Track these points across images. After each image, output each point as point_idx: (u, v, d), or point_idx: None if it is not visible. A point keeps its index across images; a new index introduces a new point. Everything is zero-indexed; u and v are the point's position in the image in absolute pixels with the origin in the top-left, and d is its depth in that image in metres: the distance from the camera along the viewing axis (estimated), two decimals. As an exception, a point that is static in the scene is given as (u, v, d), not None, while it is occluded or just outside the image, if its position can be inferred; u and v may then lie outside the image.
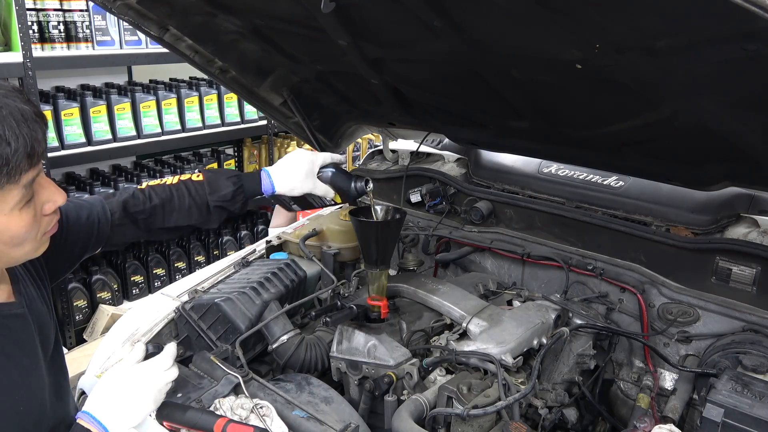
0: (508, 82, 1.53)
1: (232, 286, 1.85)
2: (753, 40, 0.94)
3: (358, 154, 5.07)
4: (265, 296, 1.79)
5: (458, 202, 2.35)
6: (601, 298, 1.96)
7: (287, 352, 1.69)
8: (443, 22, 1.29)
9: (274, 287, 1.84)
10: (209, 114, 4.03)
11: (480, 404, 1.38)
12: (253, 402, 1.38)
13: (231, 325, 1.71)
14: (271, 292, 1.82)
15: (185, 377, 1.54)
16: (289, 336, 1.72)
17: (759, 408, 1.33)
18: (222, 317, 1.72)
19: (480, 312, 1.71)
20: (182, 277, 3.21)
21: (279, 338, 1.71)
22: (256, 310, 1.75)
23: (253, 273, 1.92)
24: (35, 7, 3.17)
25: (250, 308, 1.74)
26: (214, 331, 1.74)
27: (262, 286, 1.82)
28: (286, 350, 1.70)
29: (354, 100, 2.22)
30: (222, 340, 1.72)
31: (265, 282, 1.83)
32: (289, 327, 1.75)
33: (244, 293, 1.76)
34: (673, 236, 1.86)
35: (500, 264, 2.23)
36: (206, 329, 1.73)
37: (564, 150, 1.89)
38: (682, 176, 1.72)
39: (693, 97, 1.26)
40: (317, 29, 1.54)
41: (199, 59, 2.03)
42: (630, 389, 1.92)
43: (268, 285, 1.83)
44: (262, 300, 1.77)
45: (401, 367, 1.56)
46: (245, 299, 1.75)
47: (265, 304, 1.77)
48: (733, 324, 1.75)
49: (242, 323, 1.71)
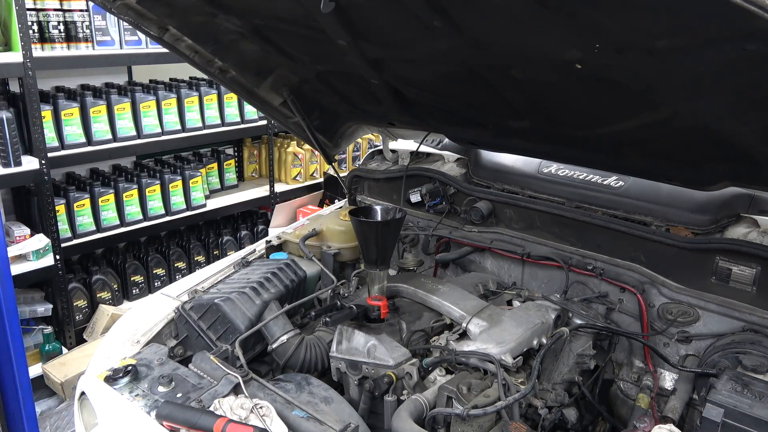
0: (508, 82, 1.53)
1: (231, 286, 1.85)
2: (753, 40, 0.94)
3: (358, 154, 5.07)
4: (264, 296, 1.79)
5: (458, 202, 2.35)
6: (601, 298, 1.96)
7: (287, 352, 1.69)
8: (443, 22, 1.29)
9: (274, 287, 1.84)
10: (209, 114, 4.03)
11: (480, 404, 1.38)
12: (253, 402, 1.38)
13: (231, 325, 1.71)
14: (271, 292, 1.82)
15: (185, 377, 1.54)
16: (289, 336, 1.72)
17: (759, 408, 1.33)
18: (222, 317, 1.72)
19: (480, 312, 1.71)
20: (182, 277, 3.21)
21: (279, 338, 1.71)
22: (256, 310, 1.75)
23: (253, 273, 1.92)
24: (35, 7, 3.17)
25: (249, 308, 1.74)
26: (213, 331, 1.73)
27: (262, 286, 1.82)
28: (286, 350, 1.70)
29: (354, 100, 2.22)
30: (222, 340, 1.72)
31: (264, 282, 1.83)
32: (288, 327, 1.75)
33: (243, 293, 1.76)
34: (673, 236, 1.86)
35: (500, 264, 2.23)
36: (206, 329, 1.73)
37: (564, 150, 1.89)
38: (682, 176, 1.72)
39: (693, 97, 1.26)
40: (317, 29, 1.54)
41: (199, 59, 2.03)
42: (630, 389, 1.92)
43: (267, 285, 1.83)
44: (261, 300, 1.77)
45: (401, 367, 1.56)
46: (245, 299, 1.75)
47: (265, 304, 1.77)
48: (733, 324, 1.75)
49: (242, 323, 1.71)
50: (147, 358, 1.64)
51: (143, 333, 1.77)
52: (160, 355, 1.66)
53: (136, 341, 1.74)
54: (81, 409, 1.66)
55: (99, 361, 1.70)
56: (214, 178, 4.36)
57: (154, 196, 3.80)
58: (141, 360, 1.63)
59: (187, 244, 4.09)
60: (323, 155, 2.54)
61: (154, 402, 1.45)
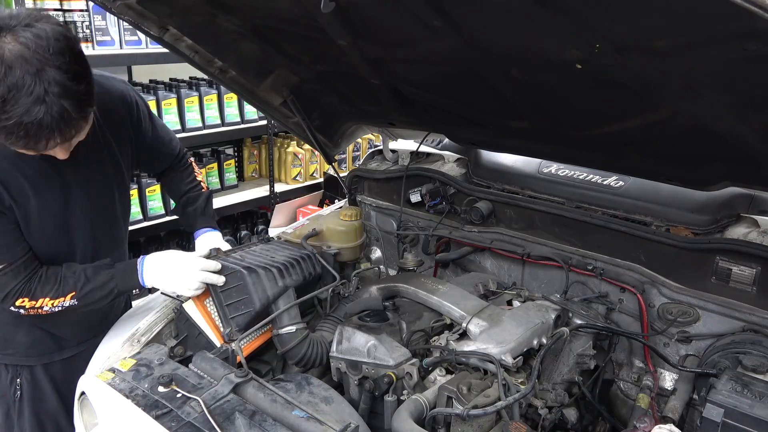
0: (508, 82, 1.53)
1: (255, 258, 1.82)
2: (753, 40, 0.94)
3: (358, 154, 5.07)
4: (287, 281, 1.75)
5: (458, 202, 2.35)
6: (601, 298, 1.96)
7: (290, 342, 1.68)
8: (443, 22, 1.29)
9: (296, 274, 1.81)
10: (209, 114, 4.03)
11: (480, 404, 1.38)
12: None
13: (248, 297, 1.69)
14: (293, 278, 1.78)
15: (185, 377, 1.54)
16: (298, 327, 1.71)
17: (759, 408, 1.33)
18: (241, 287, 1.70)
19: (480, 312, 1.71)
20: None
21: (287, 326, 1.70)
22: (276, 291, 1.72)
23: (276, 253, 1.88)
24: (35, 8, 3.17)
25: (271, 287, 1.71)
26: (226, 296, 1.72)
27: (287, 269, 1.78)
28: (290, 340, 1.69)
29: (354, 100, 2.22)
30: (231, 309, 1.70)
31: (289, 267, 1.79)
32: (298, 318, 1.74)
33: (270, 271, 1.73)
34: (673, 236, 1.86)
35: (500, 264, 2.23)
36: (220, 291, 1.72)
37: (564, 150, 1.89)
38: (682, 176, 1.72)
39: (693, 97, 1.26)
40: (317, 29, 1.54)
41: (199, 59, 2.03)
42: (630, 389, 1.92)
43: (291, 270, 1.79)
44: (284, 284, 1.74)
45: (401, 367, 1.56)
46: (270, 277, 1.72)
47: (285, 288, 1.74)
48: (733, 324, 1.75)
49: (259, 300, 1.68)
50: (147, 358, 1.64)
51: (143, 333, 1.77)
52: (160, 355, 1.66)
53: (136, 341, 1.74)
54: (81, 409, 1.66)
55: (99, 361, 1.70)
56: (214, 178, 4.36)
57: (154, 195, 3.80)
58: (141, 360, 1.63)
59: (187, 243, 4.09)
60: (323, 155, 2.54)
61: (154, 402, 1.45)
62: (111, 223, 1.91)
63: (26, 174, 1.61)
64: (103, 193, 1.82)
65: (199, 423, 1.38)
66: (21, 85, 1.31)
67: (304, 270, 1.85)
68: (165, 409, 1.42)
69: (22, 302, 1.63)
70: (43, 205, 1.65)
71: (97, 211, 1.82)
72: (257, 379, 1.51)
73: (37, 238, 1.66)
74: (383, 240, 2.51)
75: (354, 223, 2.22)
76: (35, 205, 1.63)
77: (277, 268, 1.74)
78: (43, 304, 1.65)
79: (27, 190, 1.61)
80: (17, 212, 1.61)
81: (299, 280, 1.81)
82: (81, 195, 1.74)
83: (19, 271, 1.61)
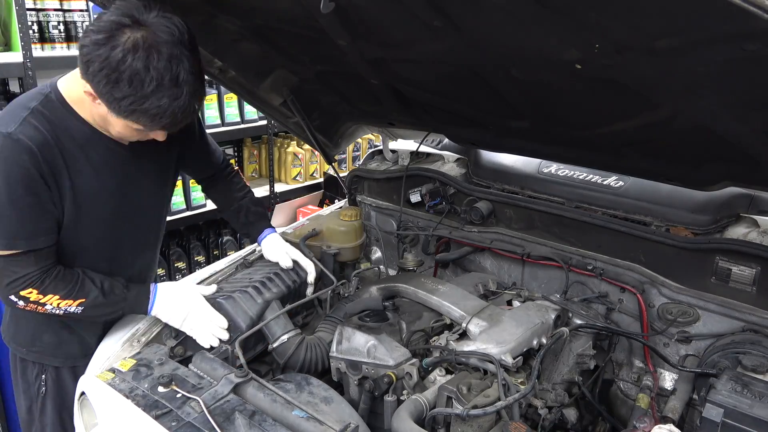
0: (508, 82, 1.52)
1: (234, 285, 1.85)
2: (753, 40, 0.94)
3: (358, 154, 5.07)
4: (266, 295, 1.79)
5: (458, 202, 2.35)
6: (601, 298, 1.96)
7: (287, 352, 1.69)
8: (443, 22, 1.29)
9: (276, 287, 1.84)
10: (209, 114, 4.02)
11: (480, 404, 1.38)
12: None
13: (232, 323, 1.71)
14: (273, 291, 1.82)
15: (185, 377, 1.54)
16: (290, 336, 1.72)
17: (759, 408, 1.33)
18: (223, 316, 1.72)
19: (480, 312, 1.71)
20: (182, 277, 3.21)
21: (279, 337, 1.71)
22: (258, 309, 1.75)
23: (255, 273, 1.92)
24: (35, 7, 3.17)
25: (251, 307, 1.74)
26: None
27: (264, 285, 1.82)
28: (286, 350, 1.70)
29: (354, 100, 2.22)
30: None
31: (267, 282, 1.84)
32: (289, 327, 1.75)
33: (245, 292, 1.77)
34: (672, 236, 1.86)
35: (500, 264, 2.23)
36: None
37: (564, 150, 1.89)
38: (682, 176, 1.72)
39: (693, 97, 1.26)
40: (317, 29, 1.54)
41: (199, 59, 2.03)
42: (630, 389, 1.92)
43: (270, 285, 1.83)
44: (263, 299, 1.77)
45: (401, 367, 1.56)
46: (246, 298, 1.75)
47: (267, 303, 1.77)
48: (733, 324, 1.75)
49: (243, 322, 1.71)
50: (147, 358, 1.64)
51: (143, 333, 1.77)
52: (160, 355, 1.66)
53: (136, 341, 1.74)
54: (81, 409, 1.66)
55: (99, 361, 1.70)
56: (215, 178, 4.35)
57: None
58: (141, 360, 1.63)
59: (187, 244, 4.08)
60: (323, 155, 2.54)
61: (154, 402, 1.45)
62: (157, 218, 1.94)
63: (90, 158, 1.62)
64: (153, 187, 1.84)
65: (199, 423, 1.38)
66: (165, 72, 1.41)
67: (286, 280, 1.90)
68: (165, 409, 1.42)
69: (29, 293, 1.57)
70: (102, 188, 1.65)
71: (148, 205, 1.84)
72: (257, 379, 1.51)
73: (87, 222, 1.65)
74: (383, 240, 2.52)
75: (354, 223, 2.23)
76: (95, 186, 1.63)
77: (253, 287, 1.79)
78: (49, 302, 1.61)
79: (89, 173, 1.62)
80: (69, 196, 1.59)
81: (282, 291, 1.85)
82: (137, 185, 1.76)
83: (38, 260, 1.57)
